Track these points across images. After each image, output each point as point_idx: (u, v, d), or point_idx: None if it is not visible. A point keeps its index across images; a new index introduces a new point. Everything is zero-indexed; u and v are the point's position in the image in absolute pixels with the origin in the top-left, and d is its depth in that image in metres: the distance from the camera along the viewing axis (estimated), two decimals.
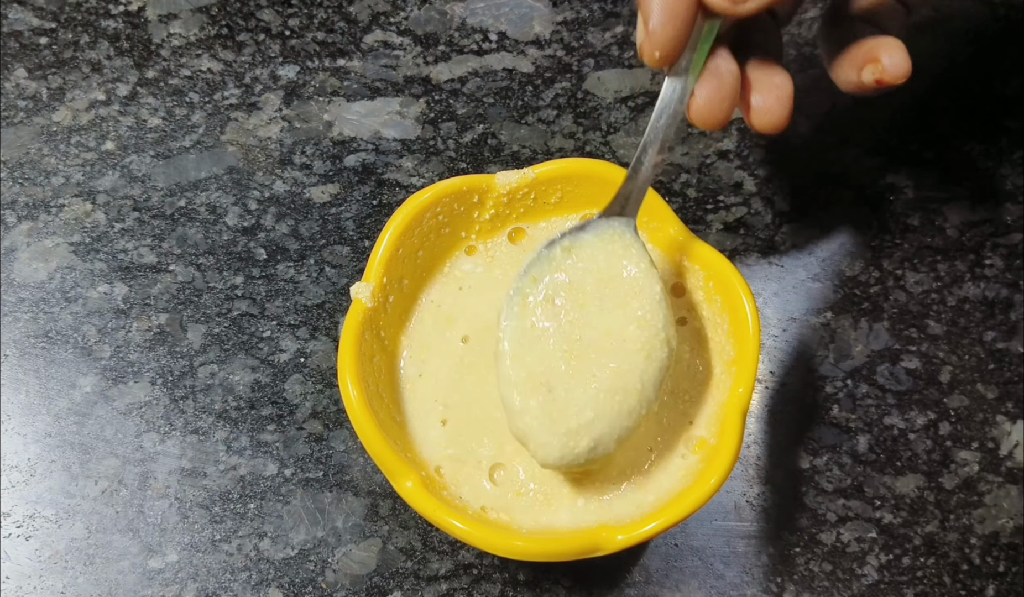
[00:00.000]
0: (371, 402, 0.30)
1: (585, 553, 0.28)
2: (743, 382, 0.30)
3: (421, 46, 0.43)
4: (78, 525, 0.34)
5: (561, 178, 0.34)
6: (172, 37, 0.43)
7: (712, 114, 0.30)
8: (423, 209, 0.32)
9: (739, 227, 0.40)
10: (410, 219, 0.32)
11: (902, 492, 0.36)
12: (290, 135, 0.41)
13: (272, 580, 0.34)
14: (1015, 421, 0.37)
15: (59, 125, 0.41)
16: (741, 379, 0.30)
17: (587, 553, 0.28)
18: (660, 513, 0.28)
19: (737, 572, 0.35)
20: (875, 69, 0.30)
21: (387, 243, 0.32)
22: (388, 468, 0.29)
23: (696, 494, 0.28)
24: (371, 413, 0.29)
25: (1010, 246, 0.40)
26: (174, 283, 0.38)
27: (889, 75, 0.30)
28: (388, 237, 0.32)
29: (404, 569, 0.34)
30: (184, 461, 0.35)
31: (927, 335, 0.39)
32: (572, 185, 0.34)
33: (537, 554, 0.28)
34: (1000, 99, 0.43)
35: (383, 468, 0.29)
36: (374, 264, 0.32)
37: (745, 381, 0.30)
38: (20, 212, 0.39)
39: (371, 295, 0.31)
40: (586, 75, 0.43)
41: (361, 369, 0.30)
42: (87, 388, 0.37)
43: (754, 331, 0.30)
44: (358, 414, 0.29)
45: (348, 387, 0.29)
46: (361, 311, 0.31)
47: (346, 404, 0.29)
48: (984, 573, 0.35)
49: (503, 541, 0.28)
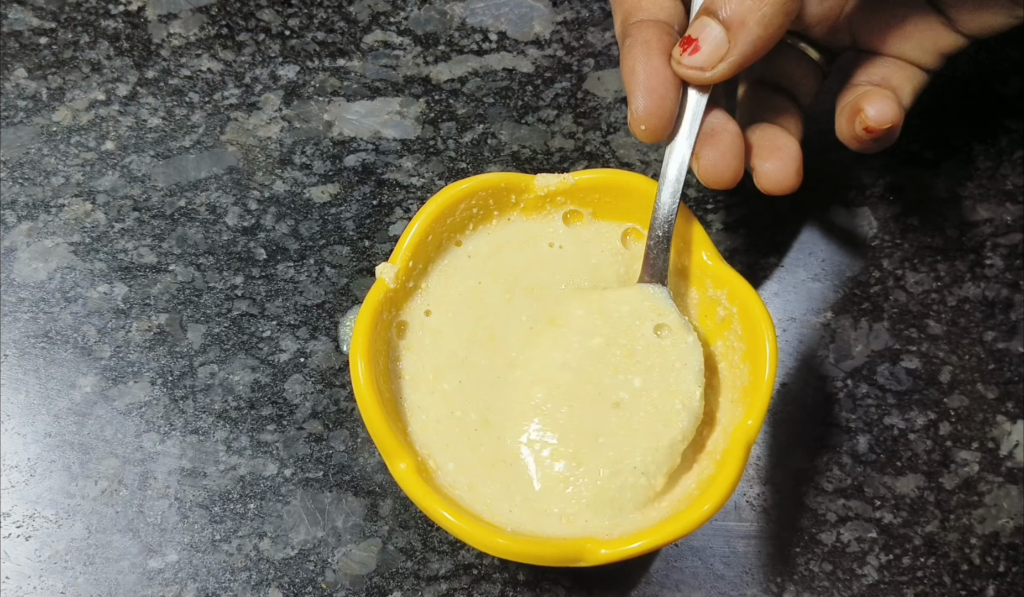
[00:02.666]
0: (377, 381, 0.30)
1: (567, 561, 0.28)
2: (753, 415, 0.30)
3: (421, 46, 0.43)
4: (78, 525, 0.34)
5: (600, 188, 0.34)
6: (172, 37, 0.43)
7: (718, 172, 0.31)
8: (459, 199, 0.32)
9: (739, 227, 0.40)
10: (444, 207, 0.32)
11: (902, 492, 0.36)
12: (290, 135, 0.41)
13: (272, 580, 0.34)
14: (1015, 421, 0.37)
15: (59, 125, 0.41)
16: (752, 411, 0.30)
17: (569, 561, 0.28)
18: (648, 533, 0.28)
19: (737, 572, 0.35)
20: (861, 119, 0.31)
21: (418, 228, 0.32)
22: (384, 447, 0.29)
23: (687, 518, 0.28)
24: (376, 391, 0.30)
25: (1010, 246, 0.40)
26: (174, 283, 0.38)
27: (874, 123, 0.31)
28: (420, 222, 0.32)
29: (404, 569, 0.34)
30: (184, 461, 0.35)
31: (927, 335, 0.39)
32: (610, 195, 0.34)
33: (518, 554, 0.28)
34: (1000, 99, 0.43)
35: (380, 446, 0.29)
36: (402, 247, 0.32)
37: (756, 414, 0.30)
38: (20, 212, 0.39)
39: (395, 277, 0.31)
40: (586, 75, 0.43)
41: (372, 347, 0.30)
42: (87, 388, 0.37)
43: (771, 369, 0.30)
44: (362, 389, 0.29)
45: (357, 363, 0.30)
46: (383, 290, 0.31)
47: (353, 378, 0.30)
48: (984, 573, 0.35)
49: (487, 537, 0.28)
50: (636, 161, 0.41)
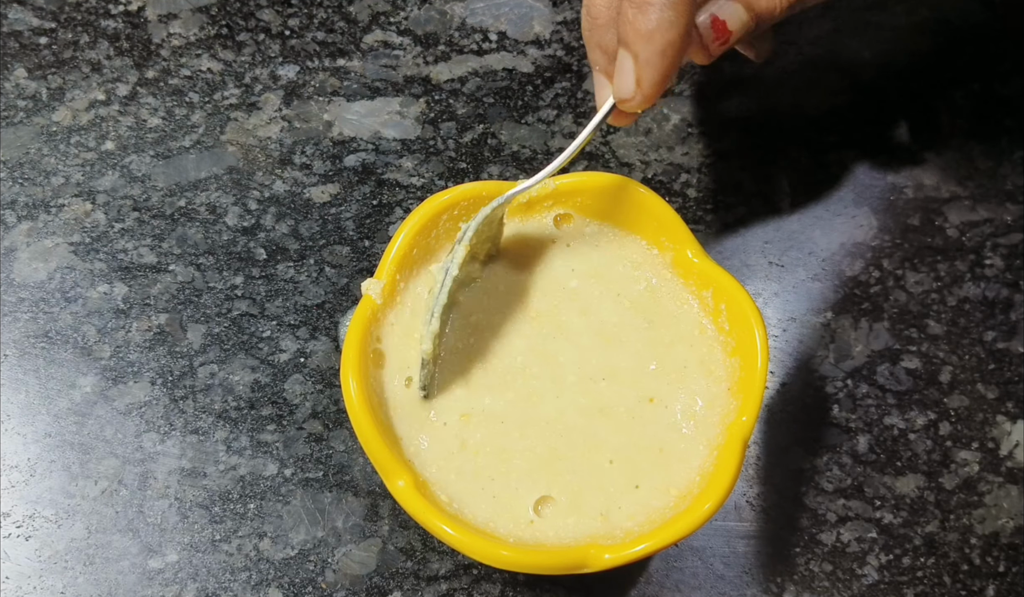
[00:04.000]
0: (371, 399, 0.30)
1: (571, 569, 0.28)
2: (748, 410, 0.30)
3: (421, 46, 0.43)
4: (78, 525, 0.34)
5: (580, 191, 0.34)
6: (172, 37, 0.43)
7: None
8: (441, 211, 0.32)
9: (739, 227, 0.40)
10: (427, 219, 0.32)
11: (902, 492, 0.36)
12: (290, 135, 0.41)
13: (272, 580, 0.34)
14: (1015, 421, 0.37)
15: (59, 125, 0.41)
16: (746, 407, 0.30)
17: (573, 569, 0.28)
18: (650, 535, 0.28)
19: (737, 572, 0.35)
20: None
21: (402, 242, 0.32)
22: (381, 466, 0.29)
23: (689, 519, 0.28)
24: (370, 410, 0.29)
25: (1010, 246, 0.40)
26: (174, 283, 0.38)
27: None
28: (403, 236, 0.32)
29: (404, 569, 0.34)
30: (184, 461, 0.35)
31: (927, 335, 0.39)
32: (590, 198, 0.34)
33: (523, 565, 0.28)
34: (1000, 99, 0.43)
35: (376, 465, 0.29)
36: (387, 263, 0.31)
37: (750, 410, 0.30)
38: (20, 212, 0.39)
39: (380, 292, 0.31)
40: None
41: (364, 365, 0.30)
42: (87, 388, 0.37)
43: (762, 362, 0.30)
44: (356, 410, 0.29)
45: (349, 381, 0.29)
46: (370, 307, 0.31)
47: (346, 399, 0.29)
48: (984, 573, 0.35)
49: (490, 549, 0.28)
50: (636, 161, 0.41)
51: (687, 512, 0.28)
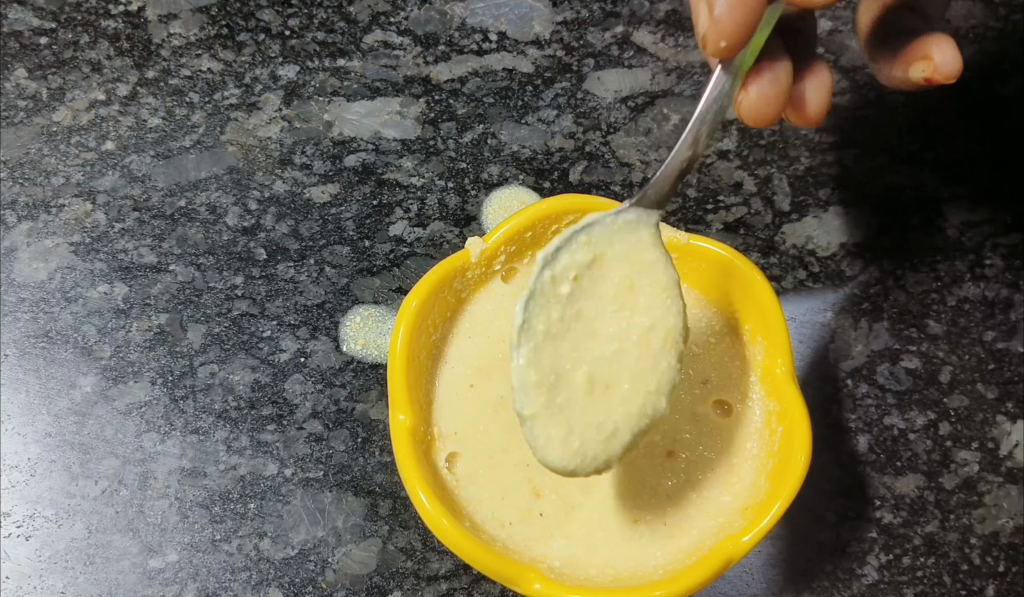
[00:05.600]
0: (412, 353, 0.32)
1: (507, 580, 0.29)
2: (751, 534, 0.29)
3: (421, 46, 0.43)
4: (78, 525, 0.34)
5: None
6: (172, 37, 0.43)
7: (765, 111, 0.27)
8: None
9: (739, 227, 0.40)
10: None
11: (902, 492, 0.36)
12: (290, 135, 0.41)
13: (272, 580, 0.34)
14: (1015, 421, 0.37)
15: (59, 125, 0.41)
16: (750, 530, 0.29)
17: (510, 582, 0.29)
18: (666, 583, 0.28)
19: (737, 572, 0.35)
20: (925, 66, 0.28)
21: (520, 221, 0.34)
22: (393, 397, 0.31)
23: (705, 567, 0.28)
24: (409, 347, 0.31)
25: (1010, 246, 0.40)
26: (174, 283, 0.38)
27: (940, 74, 0.28)
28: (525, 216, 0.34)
29: (404, 569, 0.34)
30: (184, 461, 0.35)
31: (927, 335, 0.39)
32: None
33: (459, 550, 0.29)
34: (1000, 99, 0.43)
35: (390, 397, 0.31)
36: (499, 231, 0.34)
37: (753, 538, 0.29)
38: (20, 212, 0.39)
39: (480, 253, 0.34)
40: (586, 75, 0.43)
41: (419, 320, 0.32)
42: (87, 388, 0.37)
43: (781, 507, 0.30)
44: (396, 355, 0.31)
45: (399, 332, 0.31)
46: (461, 260, 0.33)
47: (391, 343, 0.31)
48: (984, 573, 0.35)
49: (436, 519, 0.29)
50: (636, 161, 0.41)
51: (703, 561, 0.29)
